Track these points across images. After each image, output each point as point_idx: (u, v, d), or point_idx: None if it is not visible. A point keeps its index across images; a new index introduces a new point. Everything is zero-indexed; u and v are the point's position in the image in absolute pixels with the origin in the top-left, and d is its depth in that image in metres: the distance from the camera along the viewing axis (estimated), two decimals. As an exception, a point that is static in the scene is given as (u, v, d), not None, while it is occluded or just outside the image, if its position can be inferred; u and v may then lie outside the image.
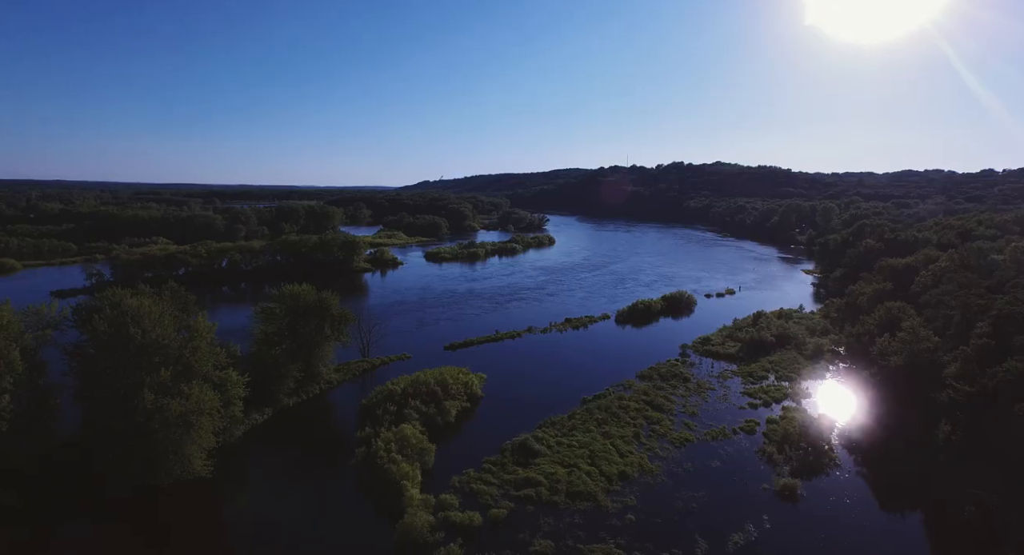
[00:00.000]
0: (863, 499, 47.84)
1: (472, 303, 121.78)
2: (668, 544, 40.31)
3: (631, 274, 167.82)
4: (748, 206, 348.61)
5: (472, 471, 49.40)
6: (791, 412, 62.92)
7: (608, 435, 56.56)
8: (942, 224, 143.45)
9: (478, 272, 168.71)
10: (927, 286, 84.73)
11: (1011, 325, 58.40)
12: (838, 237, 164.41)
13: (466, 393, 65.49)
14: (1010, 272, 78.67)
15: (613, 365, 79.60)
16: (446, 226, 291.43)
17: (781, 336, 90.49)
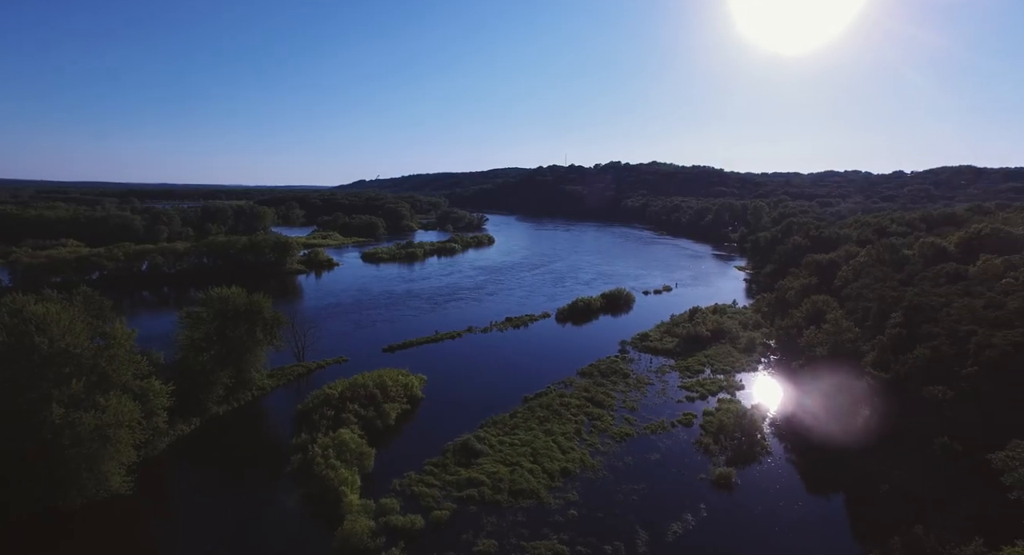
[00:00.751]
0: (792, 484, 50.02)
1: (411, 304, 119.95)
2: (610, 537, 40.81)
3: (570, 272, 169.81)
4: (683, 205, 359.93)
5: (413, 474, 48.46)
6: (726, 404, 65.10)
7: (550, 432, 56.78)
8: (861, 222, 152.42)
9: (417, 272, 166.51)
10: (848, 280, 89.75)
11: (919, 315, 62.56)
12: (768, 235, 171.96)
13: (406, 395, 64.25)
14: (918, 266, 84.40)
15: (554, 363, 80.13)
16: (383, 226, 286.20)
17: (716, 331, 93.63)
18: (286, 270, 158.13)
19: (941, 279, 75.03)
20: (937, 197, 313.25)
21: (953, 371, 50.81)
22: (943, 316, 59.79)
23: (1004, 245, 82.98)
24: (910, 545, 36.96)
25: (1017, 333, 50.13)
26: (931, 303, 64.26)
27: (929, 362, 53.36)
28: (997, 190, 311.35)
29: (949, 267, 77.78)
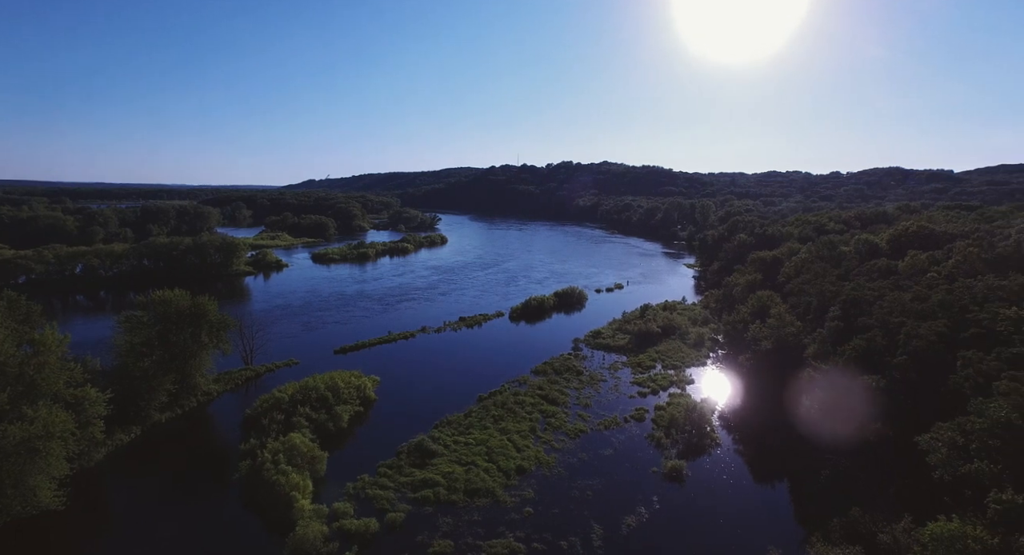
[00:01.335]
0: (740, 473, 51.75)
1: (362, 305, 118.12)
2: (565, 533, 41.27)
3: (523, 271, 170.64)
4: (634, 204, 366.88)
5: (367, 476, 47.77)
6: (677, 398, 66.76)
7: (505, 431, 56.97)
8: (802, 220, 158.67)
9: (368, 273, 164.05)
10: (791, 276, 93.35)
11: (855, 308, 65.66)
12: (715, 233, 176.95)
13: (359, 397, 63.29)
14: (854, 262, 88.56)
15: (508, 362, 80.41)
16: (334, 226, 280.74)
17: (667, 327, 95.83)
18: (233, 272, 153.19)
19: (874, 274, 78.92)
20: (870, 197, 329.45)
21: (885, 361, 53.53)
22: (876, 309, 62.87)
23: (928, 241, 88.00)
24: (847, 527, 38.80)
25: (939, 324, 53.23)
26: (866, 297, 67.50)
27: (864, 353, 56.07)
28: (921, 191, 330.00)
29: (881, 263, 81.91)
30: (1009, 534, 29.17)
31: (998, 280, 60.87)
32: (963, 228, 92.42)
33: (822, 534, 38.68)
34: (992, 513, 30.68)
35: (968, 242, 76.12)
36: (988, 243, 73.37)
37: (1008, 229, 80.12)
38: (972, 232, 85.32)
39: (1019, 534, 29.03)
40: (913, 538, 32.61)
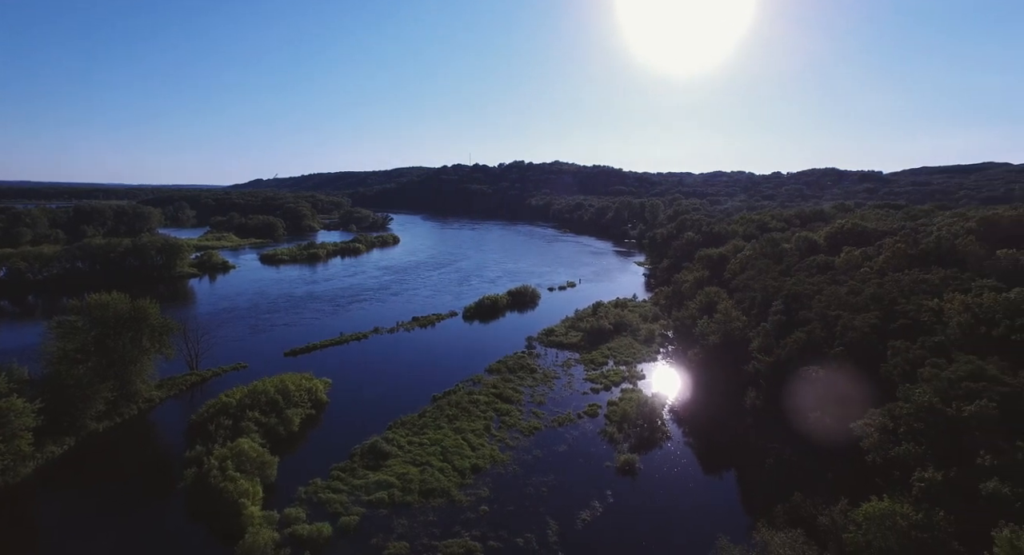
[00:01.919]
0: (690, 465, 53.33)
1: (312, 306, 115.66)
2: (521, 530, 41.61)
3: (476, 271, 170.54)
4: (585, 203, 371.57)
5: (319, 480, 46.96)
6: (629, 393, 68.12)
7: (459, 430, 56.94)
8: (746, 219, 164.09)
9: (319, 274, 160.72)
10: (736, 272, 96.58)
11: (796, 302, 68.54)
12: (664, 231, 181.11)
13: (310, 400, 62.08)
14: (795, 258, 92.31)
15: (462, 361, 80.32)
16: (283, 226, 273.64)
17: (618, 324, 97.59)
18: (176, 274, 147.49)
19: (813, 269, 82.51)
20: (809, 196, 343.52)
21: (824, 352, 56.10)
22: (815, 303, 65.78)
23: (861, 238, 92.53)
24: (790, 511, 40.54)
25: (872, 316, 56.19)
26: (806, 291, 70.55)
27: (805, 345, 58.59)
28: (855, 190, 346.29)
29: (820, 259, 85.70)
30: (931, 509, 31.17)
31: (922, 274, 64.67)
32: (892, 226, 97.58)
33: (767, 520, 40.22)
34: (917, 491, 32.71)
35: (896, 239, 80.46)
36: (913, 240, 77.75)
37: (930, 226, 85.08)
38: (899, 229, 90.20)
39: (940, 508, 31.05)
40: (849, 518, 34.36)
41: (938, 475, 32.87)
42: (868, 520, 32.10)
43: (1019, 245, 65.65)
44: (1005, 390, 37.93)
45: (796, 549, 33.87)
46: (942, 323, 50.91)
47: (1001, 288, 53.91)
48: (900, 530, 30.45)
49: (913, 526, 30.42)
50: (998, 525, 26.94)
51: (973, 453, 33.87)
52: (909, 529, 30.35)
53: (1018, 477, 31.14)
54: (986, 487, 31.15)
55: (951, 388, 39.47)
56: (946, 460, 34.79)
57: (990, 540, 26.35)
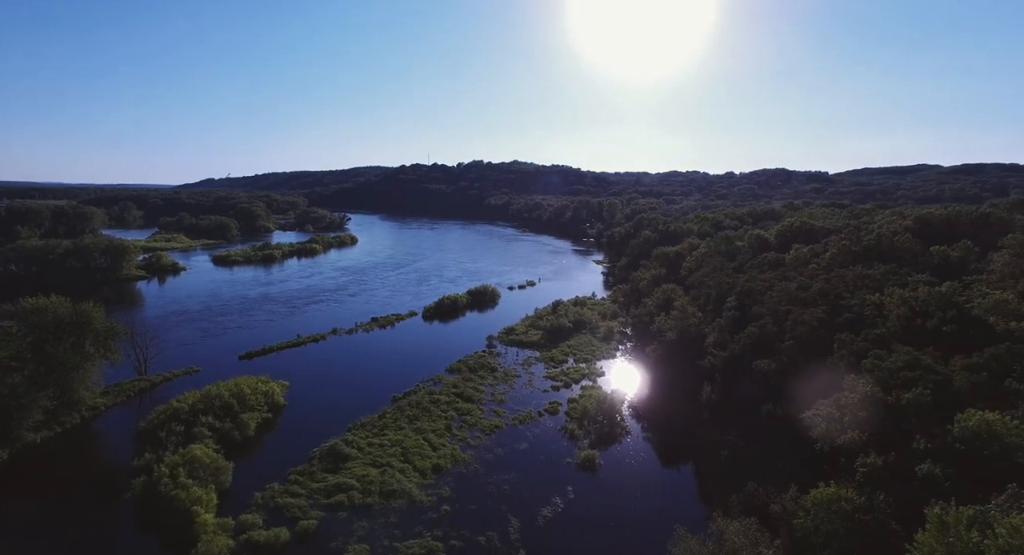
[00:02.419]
0: (648, 459, 54.42)
1: (268, 308, 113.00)
2: (483, 528, 41.70)
3: (435, 271, 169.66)
4: (544, 203, 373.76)
5: (277, 485, 46.03)
6: (589, 390, 68.94)
7: (420, 431, 56.65)
8: (701, 217, 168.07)
9: (275, 275, 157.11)
10: (692, 270, 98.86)
11: (749, 298, 70.67)
12: (622, 230, 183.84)
13: (267, 403, 60.75)
14: (747, 255, 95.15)
15: (422, 361, 79.84)
16: (236, 227, 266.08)
17: (577, 322, 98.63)
18: (123, 276, 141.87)
19: (765, 266, 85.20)
20: (760, 195, 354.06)
21: (775, 346, 58.05)
22: (767, 298, 67.98)
23: (809, 236, 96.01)
24: (744, 501, 41.83)
25: (820, 310, 58.45)
26: (758, 288, 72.79)
27: (757, 339, 60.50)
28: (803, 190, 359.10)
29: (771, 256, 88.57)
30: (872, 492, 32.74)
31: (865, 270, 67.59)
32: (837, 224, 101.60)
33: (723, 510, 41.37)
34: (860, 476, 34.30)
35: (841, 236, 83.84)
36: (857, 237, 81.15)
37: (872, 225, 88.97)
38: (844, 227, 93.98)
39: (880, 491, 32.66)
40: (799, 505, 35.68)
41: (879, 460, 34.51)
42: (816, 506, 33.44)
43: (949, 242, 69.38)
44: (938, 378, 40.10)
45: (750, 536, 34.97)
46: (883, 316, 53.37)
47: (934, 282, 56.89)
48: (844, 514, 31.86)
49: (856, 509, 31.86)
50: (930, 503, 28.48)
51: (910, 438, 35.69)
52: (853, 512, 31.77)
53: (948, 458, 33.00)
54: (921, 469, 32.91)
55: (891, 378, 41.46)
56: (886, 446, 36.54)
57: (924, 518, 27.83)
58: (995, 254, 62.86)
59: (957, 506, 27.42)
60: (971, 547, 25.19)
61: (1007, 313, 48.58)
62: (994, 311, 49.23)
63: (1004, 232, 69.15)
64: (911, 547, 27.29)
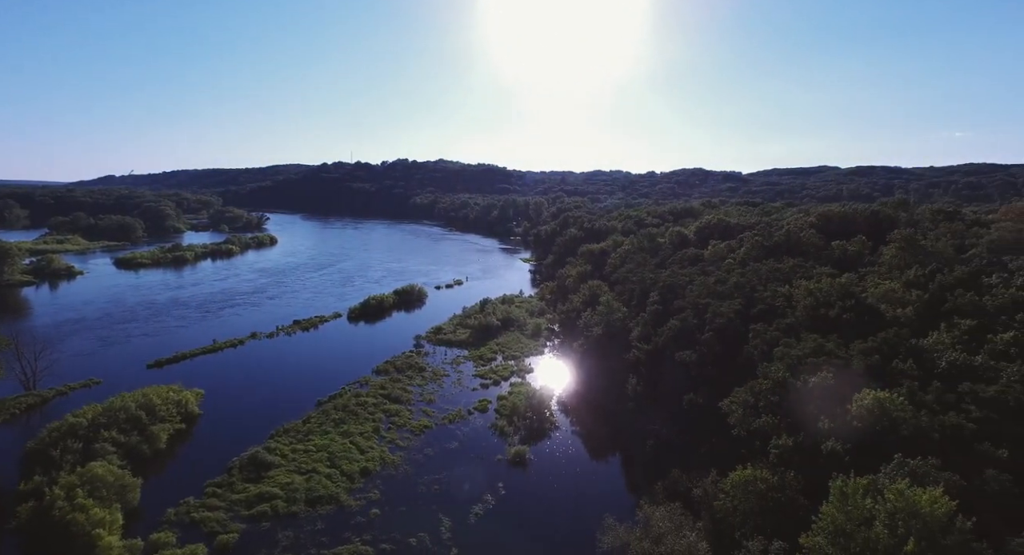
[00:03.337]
0: (577, 452, 55.40)
1: (178, 313, 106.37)
2: (415, 529, 41.07)
3: (360, 271, 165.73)
4: (471, 202, 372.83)
5: (193, 499, 43.46)
6: (518, 387, 69.43)
7: (347, 434, 55.14)
8: (624, 215, 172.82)
9: (187, 278, 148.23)
10: (616, 266, 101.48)
11: (671, 293, 73.33)
12: (548, 228, 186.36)
13: (180, 413, 57.23)
14: (669, 251, 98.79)
15: (348, 363, 77.75)
16: (142, 227, 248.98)
17: (506, 319, 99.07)
18: (5, 282, 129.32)
19: (686, 262, 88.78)
20: (680, 194, 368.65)
21: (696, 338, 60.54)
22: (688, 292, 70.78)
23: (726, 232, 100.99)
24: (669, 487, 43.35)
25: (736, 303, 61.52)
26: (679, 282, 75.69)
27: (679, 332, 62.86)
28: (719, 189, 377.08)
29: (691, 252, 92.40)
30: (784, 471, 34.81)
31: (776, 263, 71.75)
32: (750, 221, 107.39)
33: (649, 497, 42.75)
34: (773, 457, 36.37)
35: (754, 233, 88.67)
36: (768, 233, 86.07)
37: (781, 222, 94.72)
38: (757, 224, 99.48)
39: (790, 470, 34.77)
40: (719, 488, 37.38)
41: (789, 441, 36.69)
42: (734, 487, 35.15)
43: (847, 237, 74.89)
44: (839, 362, 43.12)
45: (674, 520, 36.30)
46: (792, 307, 56.81)
47: (835, 274, 61.21)
48: (760, 493, 33.68)
49: (770, 488, 33.76)
50: (832, 477, 30.65)
51: (816, 418, 38.16)
52: (767, 491, 33.64)
53: (848, 435, 35.60)
54: (826, 447, 35.30)
55: (799, 364, 44.20)
56: (795, 427, 38.92)
57: (828, 491, 29.92)
58: (884, 248, 68.43)
59: (854, 477, 29.61)
60: (865, 512, 27.42)
61: (894, 301, 53.01)
62: (884, 299, 53.58)
63: (891, 228, 75.45)
64: (817, 518, 29.20)
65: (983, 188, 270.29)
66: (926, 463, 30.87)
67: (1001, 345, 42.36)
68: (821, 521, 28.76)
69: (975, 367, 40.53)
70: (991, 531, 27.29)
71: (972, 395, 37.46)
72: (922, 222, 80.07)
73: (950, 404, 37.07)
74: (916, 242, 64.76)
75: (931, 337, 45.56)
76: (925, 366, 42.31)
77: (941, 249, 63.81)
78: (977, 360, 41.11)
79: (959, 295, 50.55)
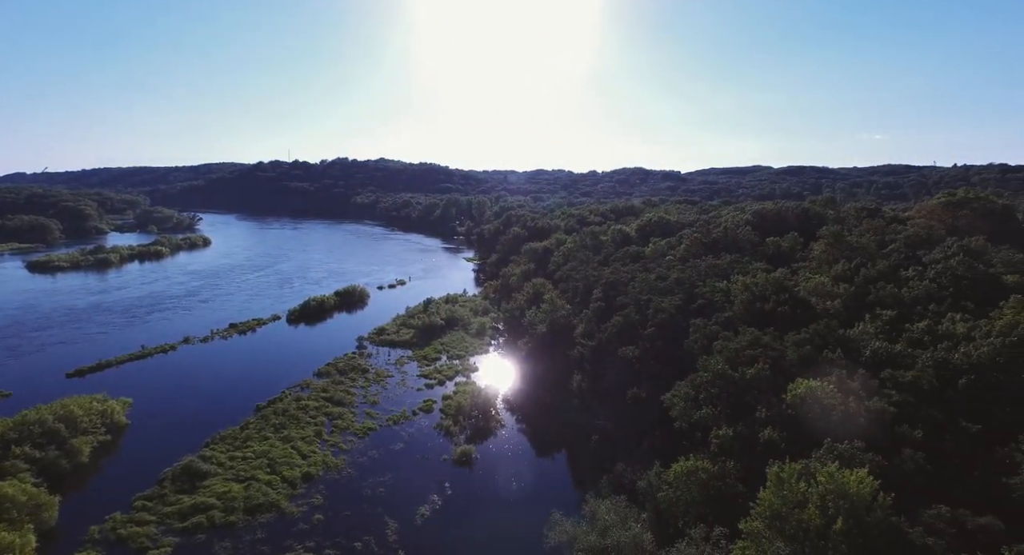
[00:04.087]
0: (524, 449, 55.55)
1: (101, 319, 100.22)
2: (359, 533, 40.19)
3: (299, 272, 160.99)
4: (413, 201, 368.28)
5: (120, 514, 41.02)
6: (463, 386, 68.99)
7: (288, 439, 53.37)
8: (567, 214, 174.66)
9: (111, 282, 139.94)
10: (560, 264, 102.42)
11: (614, 290, 74.58)
12: (491, 227, 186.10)
13: (105, 424, 53.93)
14: (611, 249, 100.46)
15: (288, 366, 75.31)
16: (59, 229, 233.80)
17: (450, 319, 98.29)
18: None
19: (628, 259, 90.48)
20: (621, 193, 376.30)
21: (639, 333, 61.77)
22: (630, 289, 72.12)
23: (666, 230, 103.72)
24: (614, 480, 44.04)
25: (676, 298, 63.15)
26: (622, 279, 77.07)
27: (622, 328, 63.99)
28: (659, 188, 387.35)
29: (633, 249, 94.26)
30: (724, 461, 35.95)
31: (714, 260, 74.09)
32: (689, 219, 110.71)
33: (595, 491, 43.28)
34: (714, 447, 37.49)
35: (693, 230, 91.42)
36: (706, 230, 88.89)
37: (719, 219, 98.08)
38: (695, 222, 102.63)
39: (730, 459, 35.95)
40: (662, 479, 38.23)
41: (729, 431, 37.92)
42: (677, 478, 36.01)
43: (781, 233, 78.26)
44: (775, 354, 44.92)
45: (619, 513, 36.87)
46: (730, 301, 58.76)
47: (770, 269, 63.82)
48: (701, 482, 34.66)
49: (711, 477, 34.78)
50: (769, 464, 31.86)
51: (753, 408, 39.60)
52: (708, 480, 34.65)
53: (783, 423, 37.12)
54: (763, 435, 36.66)
55: (737, 356, 45.71)
56: (735, 418, 40.26)
57: (766, 477, 31.08)
58: (814, 243, 71.89)
59: (789, 463, 30.89)
60: (799, 496, 28.64)
61: (824, 294, 55.77)
62: (815, 293, 56.26)
63: (820, 224, 79.36)
64: (755, 504, 30.28)
65: (899, 187, 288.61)
66: (852, 446, 32.60)
67: (917, 333, 45.31)
68: (759, 506, 29.82)
69: (895, 354, 43.10)
70: (908, 506, 29.14)
71: (892, 380, 39.81)
72: (848, 219, 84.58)
73: (874, 390, 39.23)
74: (843, 238, 68.35)
75: (857, 328, 48.18)
76: (852, 355, 44.66)
77: (865, 244, 67.54)
78: (896, 348, 43.73)
79: (881, 288, 53.66)
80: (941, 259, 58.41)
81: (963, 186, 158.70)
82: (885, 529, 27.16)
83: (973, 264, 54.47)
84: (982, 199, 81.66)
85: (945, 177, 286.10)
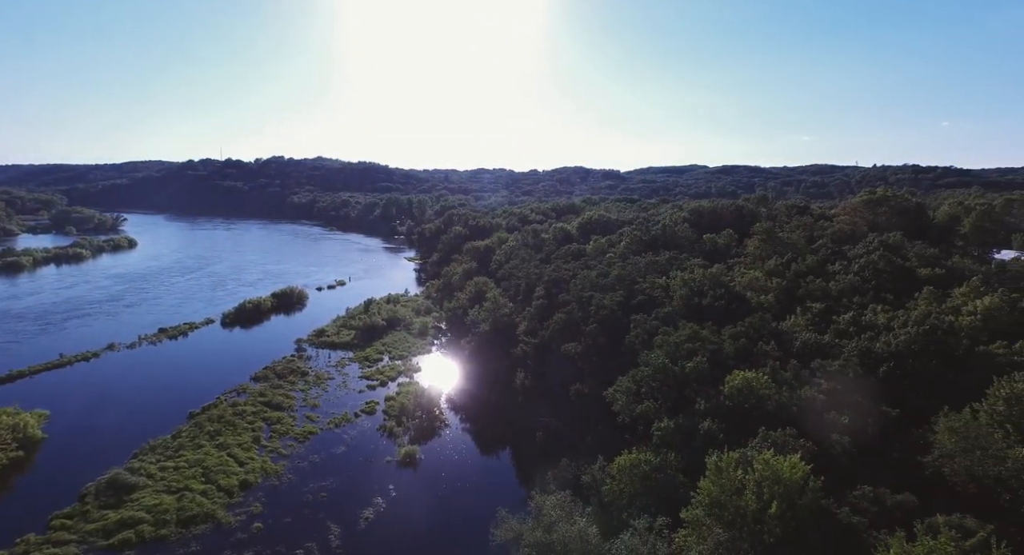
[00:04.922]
0: (468, 448, 55.34)
1: (9, 327, 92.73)
2: (301, 540, 39.04)
3: (233, 274, 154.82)
4: (352, 200, 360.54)
5: (34, 536, 38.24)
6: (406, 387, 68.07)
7: (224, 446, 51.22)
8: (508, 212, 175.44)
9: (21, 287, 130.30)
10: (502, 262, 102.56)
11: (556, 287, 75.32)
12: (432, 226, 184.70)
13: (17, 439, 50.13)
14: (553, 247, 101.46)
15: (223, 371, 72.26)
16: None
17: (391, 319, 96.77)
18: None
19: (569, 257, 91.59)
20: (562, 191, 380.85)
21: (581, 330, 62.59)
22: (572, 286, 72.99)
23: (606, 227, 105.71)
24: (559, 476, 44.40)
25: (617, 295, 64.37)
26: (563, 277, 77.91)
27: (564, 325, 64.68)
28: (599, 186, 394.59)
29: (574, 247, 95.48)
30: (666, 453, 36.90)
31: (653, 257, 75.99)
32: (629, 216, 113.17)
33: (540, 487, 43.46)
34: (656, 439, 38.41)
35: (633, 227, 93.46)
36: (646, 228, 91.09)
37: (657, 217, 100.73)
38: (635, 219, 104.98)
39: (671, 451, 36.93)
40: (606, 473, 38.87)
41: (670, 423, 38.92)
42: (620, 471, 36.65)
43: (717, 230, 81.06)
44: (713, 347, 46.46)
45: (565, 508, 37.18)
46: (669, 297, 60.40)
47: (707, 265, 65.97)
48: (644, 474, 35.42)
49: (653, 469, 35.59)
50: (709, 454, 32.95)
51: (693, 401, 40.81)
52: (651, 472, 35.44)
53: (722, 414, 38.46)
54: (703, 427, 37.84)
55: (677, 350, 47.00)
56: (675, 410, 41.38)
57: (705, 467, 32.10)
58: (749, 240, 74.85)
59: (727, 452, 32.01)
60: (737, 483, 29.72)
61: (758, 288, 58.14)
62: (749, 287, 58.56)
63: (754, 221, 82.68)
64: (695, 493, 31.21)
65: (826, 186, 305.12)
66: (786, 434, 34.12)
67: (843, 324, 47.90)
68: (699, 495, 30.74)
69: (823, 345, 45.42)
70: (835, 488, 30.78)
71: (821, 370, 41.92)
72: (779, 216, 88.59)
73: (805, 379, 41.18)
74: (775, 234, 71.52)
75: (789, 320, 50.49)
76: (784, 346, 46.76)
77: (795, 240, 70.89)
78: (825, 339, 46.08)
79: (810, 282, 56.41)
80: (863, 254, 61.97)
81: (881, 185, 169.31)
82: (815, 510, 28.56)
83: (892, 258, 58.08)
84: (899, 197, 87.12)
85: (866, 177, 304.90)
